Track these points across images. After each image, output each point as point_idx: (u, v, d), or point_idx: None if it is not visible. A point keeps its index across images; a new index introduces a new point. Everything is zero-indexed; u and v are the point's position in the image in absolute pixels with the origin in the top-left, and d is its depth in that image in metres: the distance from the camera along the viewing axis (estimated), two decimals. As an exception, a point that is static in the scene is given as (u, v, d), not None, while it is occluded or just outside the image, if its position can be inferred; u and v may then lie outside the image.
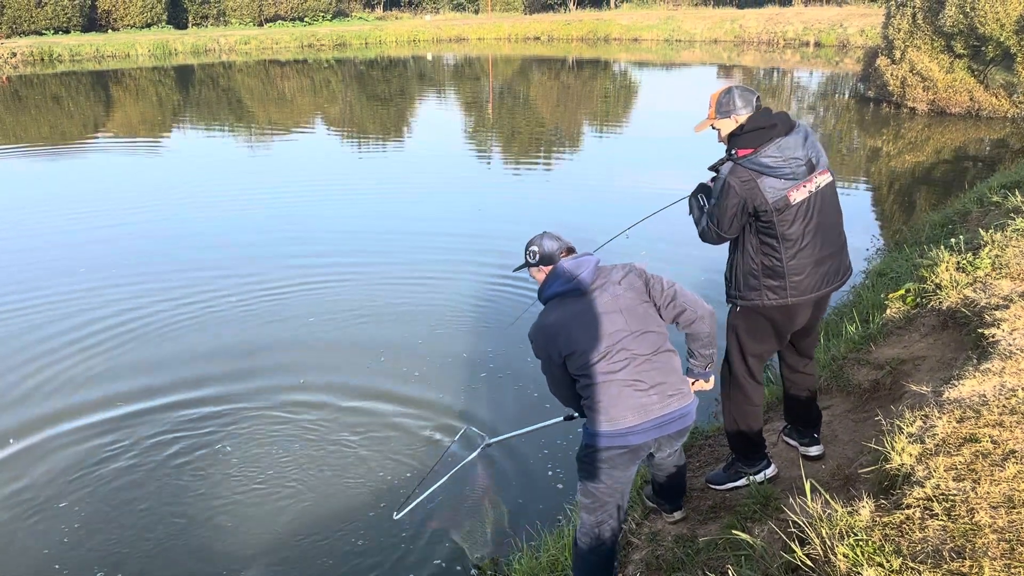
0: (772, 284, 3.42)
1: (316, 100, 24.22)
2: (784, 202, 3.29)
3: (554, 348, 3.08)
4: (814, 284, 3.44)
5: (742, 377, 3.65)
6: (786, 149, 3.28)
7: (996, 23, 15.69)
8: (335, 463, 5.21)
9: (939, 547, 2.29)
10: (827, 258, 3.45)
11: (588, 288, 3.08)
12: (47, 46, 34.47)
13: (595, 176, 13.18)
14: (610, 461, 3.07)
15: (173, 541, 4.54)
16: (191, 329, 7.28)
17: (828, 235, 3.44)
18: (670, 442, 3.16)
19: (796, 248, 3.36)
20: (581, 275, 3.08)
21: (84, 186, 13.52)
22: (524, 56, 36.86)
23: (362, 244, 9.72)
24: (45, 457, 5.36)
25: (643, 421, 3.00)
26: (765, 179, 3.28)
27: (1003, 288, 4.35)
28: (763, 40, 37.94)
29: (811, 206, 3.35)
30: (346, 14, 48.58)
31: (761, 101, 3.45)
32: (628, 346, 3.02)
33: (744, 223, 3.40)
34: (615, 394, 2.99)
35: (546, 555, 3.88)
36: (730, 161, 3.36)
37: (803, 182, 3.31)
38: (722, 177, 3.37)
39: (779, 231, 3.34)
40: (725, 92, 3.43)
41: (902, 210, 11.16)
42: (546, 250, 3.17)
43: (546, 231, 3.27)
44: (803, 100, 22.97)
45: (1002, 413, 2.97)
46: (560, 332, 3.06)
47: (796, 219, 3.33)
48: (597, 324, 3.03)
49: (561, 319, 3.07)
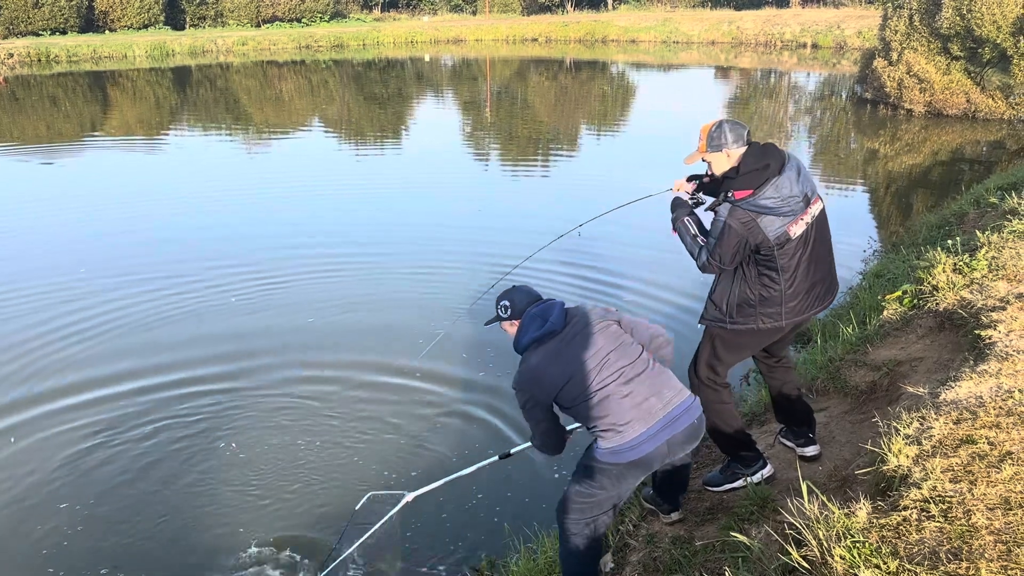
0: (768, 311, 3.48)
1: (314, 101, 24.20)
2: (785, 237, 3.34)
3: (541, 390, 3.13)
4: (805, 306, 3.52)
5: (707, 379, 3.69)
6: (783, 188, 3.30)
7: (993, 25, 15.72)
8: (337, 458, 5.24)
9: (936, 549, 2.29)
10: (818, 282, 3.53)
11: (561, 327, 3.16)
12: (44, 47, 34.40)
13: (592, 176, 13.19)
14: (622, 475, 3.09)
15: (167, 533, 4.57)
16: (189, 320, 7.33)
17: (821, 261, 3.52)
18: (680, 446, 3.14)
19: (793, 277, 3.42)
20: (551, 317, 3.15)
21: (82, 185, 13.48)
22: (522, 57, 36.88)
23: (359, 241, 9.76)
24: (39, 446, 5.39)
25: (650, 426, 3.02)
26: (764, 218, 3.31)
27: (1000, 290, 4.35)
28: (760, 42, 37.99)
29: (808, 236, 3.41)
30: (344, 15, 48.57)
31: (751, 135, 3.47)
32: (614, 361, 3.08)
33: (744, 257, 3.43)
34: (615, 406, 3.02)
35: (543, 557, 3.88)
36: (727, 203, 3.36)
37: (801, 214, 3.35)
38: (721, 219, 3.37)
39: (779, 263, 3.39)
40: (716, 126, 3.43)
41: (899, 212, 11.18)
42: (517, 304, 3.25)
43: (515, 285, 3.37)
44: (800, 102, 22.99)
45: (999, 415, 2.97)
46: (546, 371, 3.11)
47: (796, 251, 3.39)
48: (580, 350, 3.10)
49: (544, 359, 3.13)
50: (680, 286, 7.76)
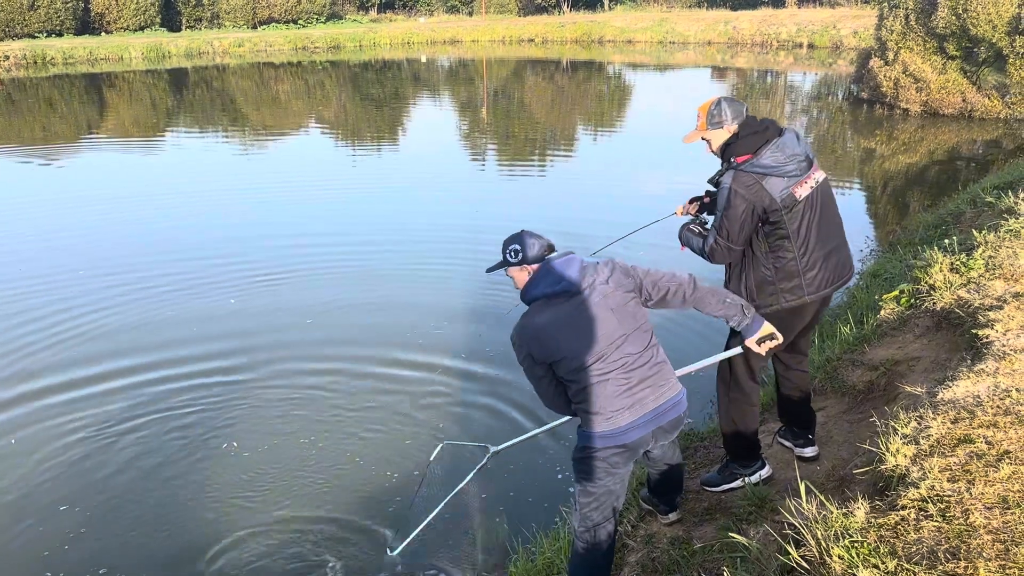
0: (788, 286, 3.42)
1: (310, 103, 24.18)
2: (792, 199, 3.31)
3: (541, 349, 2.99)
4: (826, 279, 3.46)
5: (743, 378, 3.64)
6: (786, 147, 3.30)
7: (988, 24, 15.76)
8: (340, 455, 5.25)
9: (934, 548, 2.29)
10: (833, 251, 3.49)
11: (577, 289, 2.97)
12: (40, 49, 34.34)
13: (590, 177, 13.18)
14: (608, 461, 3.05)
15: (166, 530, 4.57)
16: (183, 317, 7.33)
17: (832, 229, 3.49)
18: (665, 434, 3.13)
19: (806, 243, 3.38)
20: (570, 275, 2.97)
21: (79, 185, 13.41)
22: (518, 58, 36.87)
23: (355, 240, 9.75)
24: (39, 445, 5.38)
25: (638, 416, 2.99)
26: (769, 179, 3.29)
27: (996, 289, 4.36)
28: (756, 42, 38.03)
29: (814, 201, 3.38)
30: (340, 16, 48.54)
31: (748, 110, 3.47)
32: (622, 346, 2.98)
33: (752, 231, 3.39)
34: (610, 394, 2.97)
35: (541, 558, 3.88)
36: (730, 170, 3.35)
37: (805, 178, 3.34)
38: (725, 186, 3.34)
39: (789, 229, 3.35)
40: (715, 104, 3.44)
41: (896, 211, 11.19)
42: (529, 248, 3.03)
43: (524, 229, 3.15)
44: (797, 102, 23.03)
45: (996, 414, 2.98)
46: (551, 336, 2.96)
47: (804, 215, 3.36)
48: (591, 327, 2.95)
49: (551, 322, 2.96)
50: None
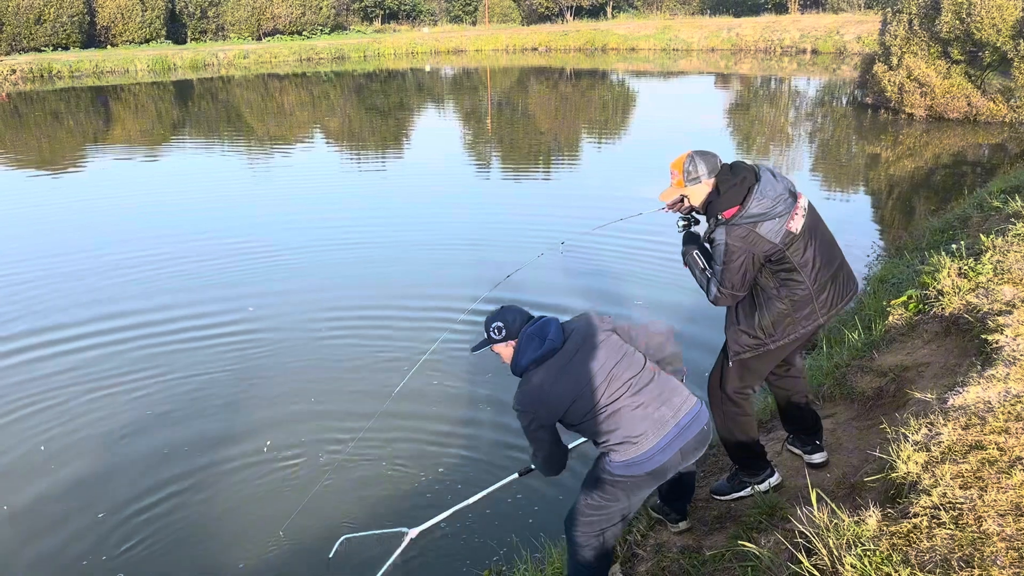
0: (804, 313, 3.45)
1: (315, 113, 24.28)
2: (789, 236, 3.32)
3: (548, 409, 3.03)
4: (834, 298, 3.49)
5: (735, 394, 3.65)
6: (767, 191, 3.29)
7: (992, 28, 15.75)
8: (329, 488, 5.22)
9: (947, 556, 2.27)
10: (837, 270, 3.52)
11: (561, 343, 3.06)
12: (46, 63, 34.61)
13: (593, 184, 13.20)
14: (637, 486, 3.06)
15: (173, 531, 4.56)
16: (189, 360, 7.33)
17: (832, 249, 3.52)
18: (693, 452, 3.11)
19: (815, 270, 3.41)
20: (549, 334, 3.05)
21: (90, 194, 13.52)
22: (522, 67, 36.99)
23: (355, 250, 9.76)
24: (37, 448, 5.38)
25: (663, 435, 2.99)
26: (762, 225, 3.30)
27: (1005, 293, 4.33)
28: (760, 48, 38.09)
29: (810, 227, 3.40)
30: (344, 27, 48.81)
31: (719, 160, 3.46)
32: (620, 373, 3.02)
33: (755, 274, 3.41)
34: (627, 419, 2.98)
35: (550, 568, 3.85)
36: (720, 226, 3.35)
37: (793, 211, 3.34)
38: (720, 242, 3.35)
39: (796, 261, 3.37)
40: (688, 159, 3.42)
41: (902, 216, 11.15)
42: (511, 324, 3.13)
43: (503, 306, 3.25)
44: (801, 108, 23.02)
45: (1008, 420, 2.95)
46: (551, 390, 3.01)
47: (807, 244, 3.38)
48: (585, 365, 3.02)
49: (548, 378, 3.02)
50: (676, 298, 7.75)
